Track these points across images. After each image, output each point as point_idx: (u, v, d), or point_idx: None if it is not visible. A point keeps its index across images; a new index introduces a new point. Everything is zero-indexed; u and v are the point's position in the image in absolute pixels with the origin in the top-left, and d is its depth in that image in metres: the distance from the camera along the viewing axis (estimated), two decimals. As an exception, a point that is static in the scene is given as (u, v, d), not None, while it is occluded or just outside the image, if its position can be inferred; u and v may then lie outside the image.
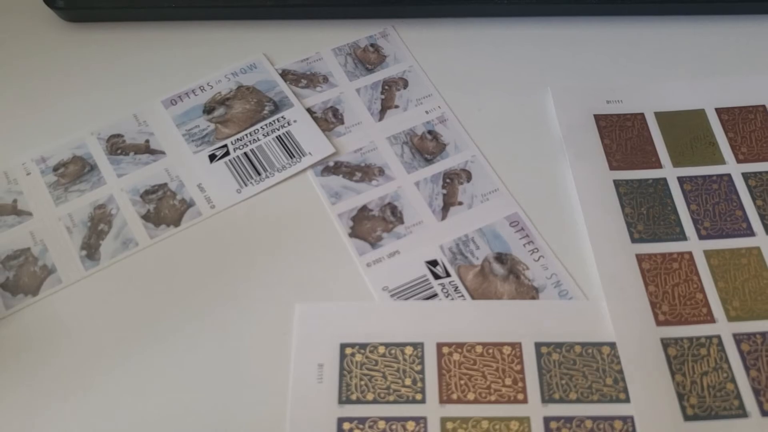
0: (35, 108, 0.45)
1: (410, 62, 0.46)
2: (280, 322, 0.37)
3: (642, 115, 0.43)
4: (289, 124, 0.44)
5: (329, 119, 0.44)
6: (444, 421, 0.33)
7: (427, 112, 0.44)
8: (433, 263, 0.38)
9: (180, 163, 0.42)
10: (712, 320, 0.36)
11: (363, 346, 0.35)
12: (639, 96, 0.44)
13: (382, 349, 0.35)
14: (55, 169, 0.42)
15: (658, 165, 0.41)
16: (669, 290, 0.36)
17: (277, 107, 0.44)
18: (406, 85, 0.45)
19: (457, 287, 0.37)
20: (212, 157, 0.42)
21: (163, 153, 0.43)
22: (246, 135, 0.43)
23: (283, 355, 0.35)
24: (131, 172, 0.42)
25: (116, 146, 0.43)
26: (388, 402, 0.34)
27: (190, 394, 0.35)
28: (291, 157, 0.42)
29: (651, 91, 0.44)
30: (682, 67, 0.45)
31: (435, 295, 0.37)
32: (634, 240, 0.38)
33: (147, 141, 0.43)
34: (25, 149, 0.43)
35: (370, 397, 0.34)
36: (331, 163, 0.42)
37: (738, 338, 0.35)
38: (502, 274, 0.38)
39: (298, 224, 0.40)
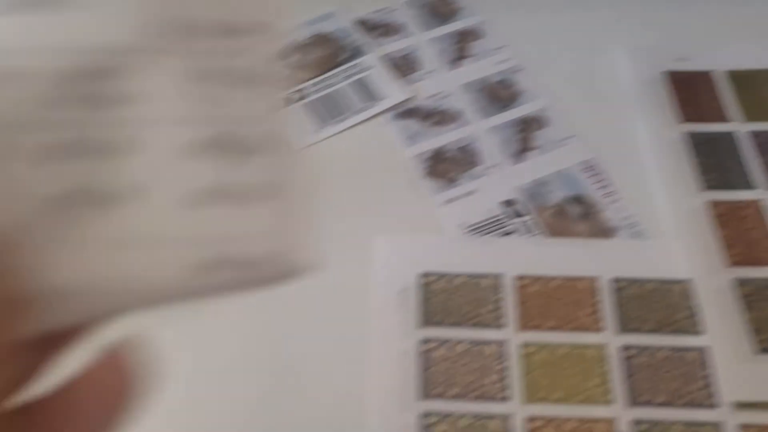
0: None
1: (485, 14, 0.47)
2: (360, 253, 0.38)
3: (713, 72, 0.44)
4: (365, 70, 0.45)
5: (405, 66, 0.45)
6: (522, 346, 0.34)
7: (500, 62, 0.45)
8: (509, 203, 0.39)
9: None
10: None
11: (441, 275, 0.37)
12: (711, 54, 0.45)
13: (460, 280, 0.37)
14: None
15: (728, 119, 0.42)
16: (741, 233, 0.37)
17: (354, 54, 0.46)
18: (481, 36, 0.46)
19: (533, 225, 0.38)
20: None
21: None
22: (323, 80, 0.45)
23: (363, 285, 0.37)
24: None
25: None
26: (468, 326, 0.35)
27: (270, 330, 0.36)
28: (367, 101, 0.43)
29: (724, 49, 0.45)
30: (756, 27, 0.46)
31: (511, 233, 0.38)
32: (705, 188, 0.39)
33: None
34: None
35: (450, 320, 0.35)
36: (407, 108, 0.43)
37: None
38: (578, 214, 0.39)
39: (375, 165, 0.41)
